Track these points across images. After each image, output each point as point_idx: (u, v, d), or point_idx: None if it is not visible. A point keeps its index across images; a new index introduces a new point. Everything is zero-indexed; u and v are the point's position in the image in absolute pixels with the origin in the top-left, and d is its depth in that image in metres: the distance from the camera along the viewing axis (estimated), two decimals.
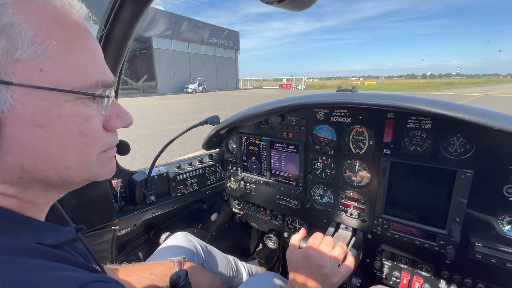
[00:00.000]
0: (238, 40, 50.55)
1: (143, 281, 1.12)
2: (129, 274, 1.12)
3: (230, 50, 49.06)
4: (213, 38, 43.15)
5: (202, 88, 36.19)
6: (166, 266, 1.20)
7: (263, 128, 1.60)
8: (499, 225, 1.01)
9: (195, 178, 1.75)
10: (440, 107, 0.80)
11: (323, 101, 1.02)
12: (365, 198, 1.30)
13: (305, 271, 0.96)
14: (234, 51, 50.23)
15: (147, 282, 1.12)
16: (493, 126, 0.73)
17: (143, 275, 1.14)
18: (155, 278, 1.14)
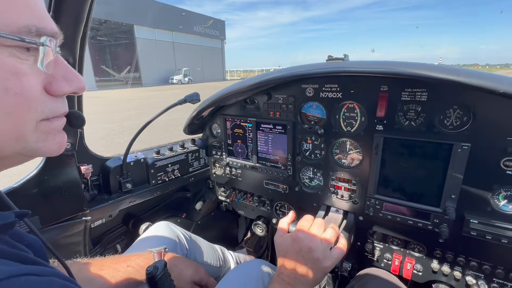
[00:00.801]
0: (224, 30, 49.39)
1: (118, 274, 1.01)
2: (102, 267, 1.01)
3: (216, 40, 47.92)
4: (198, 27, 41.90)
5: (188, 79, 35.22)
6: (145, 257, 1.10)
7: (249, 108, 1.49)
8: (495, 200, 0.96)
9: (177, 165, 1.64)
10: (441, 72, 0.72)
11: (312, 71, 0.93)
12: (357, 179, 1.23)
13: (295, 256, 0.89)
14: (220, 40, 49.10)
15: (123, 275, 1.02)
16: (497, 90, 0.66)
17: (118, 268, 1.03)
18: (132, 271, 1.03)
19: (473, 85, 0.68)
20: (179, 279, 1.14)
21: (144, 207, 1.67)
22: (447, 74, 0.70)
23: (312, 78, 1.22)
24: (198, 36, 42.69)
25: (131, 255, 1.11)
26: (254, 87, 1.11)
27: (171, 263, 1.15)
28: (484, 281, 1.09)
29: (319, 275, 0.87)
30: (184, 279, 1.14)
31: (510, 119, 0.87)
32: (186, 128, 1.63)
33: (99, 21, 31.45)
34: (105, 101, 16.89)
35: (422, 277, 1.24)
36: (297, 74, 0.96)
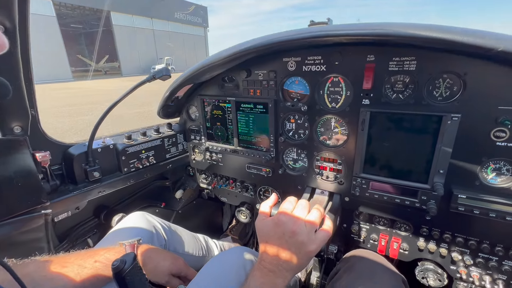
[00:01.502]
0: (206, 16, 47.73)
1: (84, 271, 0.91)
2: (66, 264, 0.90)
3: (199, 27, 46.29)
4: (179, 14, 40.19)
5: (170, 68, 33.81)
6: (116, 251, 1.00)
7: (227, 87, 1.38)
8: (483, 174, 0.93)
9: (152, 151, 1.51)
10: (437, 31, 0.64)
11: (294, 36, 0.82)
12: (342, 158, 1.17)
13: (277, 241, 0.81)
14: (203, 28, 47.50)
15: (90, 272, 0.91)
16: (496, 48, 0.60)
17: (84, 264, 0.92)
18: (100, 266, 0.93)
19: (470, 43, 0.61)
20: (155, 272, 1.05)
21: (117, 197, 1.55)
22: (443, 33, 0.63)
23: (294, 50, 1.12)
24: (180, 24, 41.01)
25: (99, 249, 1.01)
26: (230, 59, 1.00)
27: (145, 256, 1.06)
28: (469, 256, 1.08)
29: (304, 260, 0.80)
30: (160, 271, 1.06)
31: (502, 87, 0.82)
32: (160, 111, 1.50)
33: (71, 7, 29.47)
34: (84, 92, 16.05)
35: (408, 256, 1.22)
36: (278, 41, 0.86)
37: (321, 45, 1.04)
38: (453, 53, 0.84)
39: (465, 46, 0.62)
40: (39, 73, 22.30)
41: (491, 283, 1.07)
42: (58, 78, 24.23)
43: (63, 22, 29.00)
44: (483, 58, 0.81)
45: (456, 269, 1.13)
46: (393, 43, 0.90)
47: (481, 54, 0.80)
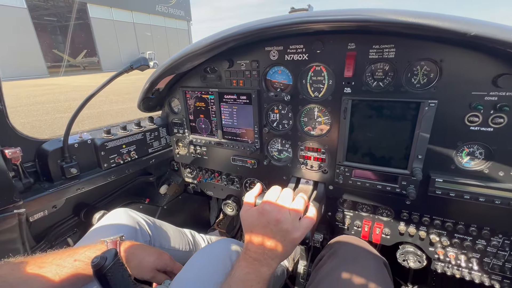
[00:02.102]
0: (189, 9, 46.51)
1: (63, 271, 0.87)
2: (43, 265, 0.86)
3: (182, 21, 45.06)
4: (161, 7, 38.89)
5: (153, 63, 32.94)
6: (97, 249, 0.96)
7: (210, 78, 1.35)
8: (458, 158, 0.97)
9: (133, 145, 1.46)
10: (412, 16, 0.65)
11: (275, 23, 0.81)
12: (325, 147, 1.18)
13: (262, 230, 0.81)
14: (186, 21, 46.30)
15: (69, 272, 0.87)
16: (469, 32, 0.61)
17: (63, 263, 0.88)
18: (80, 265, 0.89)
19: (445, 28, 0.63)
20: (139, 268, 1.02)
21: (98, 194, 1.49)
22: (420, 19, 0.64)
23: (276, 39, 1.11)
24: (162, 17, 39.71)
25: (79, 248, 0.97)
26: (211, 47, 0.97)
27: (129, 252, 1.03)
28: (446, 237, 1.13)
29: (289, 247, 0.81)
30: (145, 267, 1.03)
31: (475, 72, 0.85)
32: (140, 103, 1.45)
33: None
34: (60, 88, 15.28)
35: (390, 240, 1.27)
36: (258, 28, 0.84)
37: (302, 34, 1.04)
38: (430, 41, 0.87)
39: (441, 31, 0.64)
40: (8, 69, 20.89)
41: (466, 261, 1.13)
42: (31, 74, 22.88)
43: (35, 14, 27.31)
44: (458, 44, 0.84)
45: (434, 250, 1.18)
46: (373, 30, 0.91)
47: (457, 41, 0.82)
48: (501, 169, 0.91)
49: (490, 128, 0.88)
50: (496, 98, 0.84)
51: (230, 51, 1.22)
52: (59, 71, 29.02)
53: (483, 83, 0.84)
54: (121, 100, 10.76)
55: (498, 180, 0.92)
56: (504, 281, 1.11)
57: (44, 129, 6.93)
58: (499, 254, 1.07)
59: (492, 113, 0.86)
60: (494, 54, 0.80)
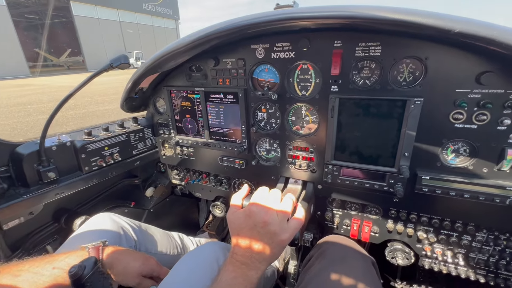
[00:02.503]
0: (177, 8, 45.90)
1: (41, 280, 0.82)
2: (18, 273, 0.81)
3: (169, 20, 44.40)
4: (148, 5, 38.17)
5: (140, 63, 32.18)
6: (78, 255, 0.91)
7: (195, 77, 1.31)
8: (444, 155, 0.98)
9: (116, 147, 1.41)
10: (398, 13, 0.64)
11: (258, 19, 0.79)
12: (314, 146, 1.17)
13: (249, 232, 0.79)
14: (173, 20, 45.66)
15: (48, 280, 0.82)
16: (453, 29, 0.61)
17: (41, 271, 0.83)
18: (59, 273, 0.84)
19: (430, 25, 0.62)
20: (124, 274, 0.98)
21: (79, 199, 1.43)
22: (406, 15, 0.63)
23: (262, 37, 1.09)
24: (149, 15, 38.98)
25: (58, 255, 0.92)
26: (194, 45, 0.94)
27: (113, 257, 0.98)
28: (433, 234, 1.14)
29: (277, 250, 0.79)
30: (130, 272, 0.99)
31: (459, 70, 0.85)
32: (123, 104, 1.39)
33: None
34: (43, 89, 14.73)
35: (378, 238, 1.27)
36: (242, 25, 0.82)
37: (289, 31, 1.02)
38: (416, 38, 0.87)
39: (425, 27, 0.63)
40: None
41: (452, 257, 1.15)
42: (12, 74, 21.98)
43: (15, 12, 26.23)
44: (443, 42, 0.84)
45: (421, 247, 1.20)
46: (359, 28, 0.90)
47: (441, 39, 0.82)
48: (485, 165, 0.92)
49: (474, 125, 0.89)
50: (479, 95, 0.85)
51: (215, 49, 1.19)
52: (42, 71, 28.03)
53: (467, 81, 0.85)
54: (107, 101, 10.48)
55: (482, 176, 0.94)
56: (489, 275, 1.13)
57: (26, 131, 6.67)
58: (483, 249, 1.09)
59: (475, 110, 0.87)
60: (478, 52, 0.81)
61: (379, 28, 0.87)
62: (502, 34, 0.59)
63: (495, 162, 0.91)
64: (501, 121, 0.84)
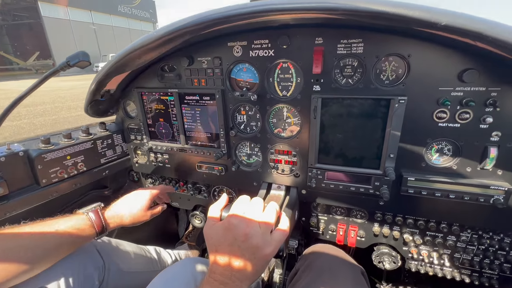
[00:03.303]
0: (155, 11, 44.94)
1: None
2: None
3: (147, 23, 43.29)
4: (124, 7, 37.01)
5: None
6: (78, 219, 0.97)
7: (168, 77, 1.21)
8: (428, 155, 0.95)
9: (81, 156, 1.27)
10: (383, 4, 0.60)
11: (235, 11, 0.71)
12: (297, 149, 1.11)
13: (229, 248, 0.70)
14: (151, 23, 44.60)
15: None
16: (440, 22, 0.58)
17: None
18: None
19: (416, 17, 0.58)
20: (133, 220, 1.13)
21: (39, 215, 1.25)
22: (391, 7, 0.59)
23: (239, 34, 1.02)
24: (125, 18, 37.78)
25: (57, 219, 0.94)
26: (164, 40, 0.84)
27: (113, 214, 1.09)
28: (419, 236, 1.12)
29: (260, 266, 0.71)
30: (137, 216, 1.14)
31: (441, 67, 0.83)
32: (87, 107, 1.26)
33: None
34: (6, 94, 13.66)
35: (365, 242, 1.23)
36: (215, 18, 0.74)
37: (267, 28, 0.96)
38: (398, 35, 0.84)
39: (412, 20, 0.59)
40: None
41: (438, 258, 1.13)
42: None
43: None
44: (425, 39, 0.81)
45: (407, 250, 1.17)
46: (341, 24, 0.86)
47: (424, 36, 0.80)
48: (468, 164, 0.91)
49: (457, 124, 0.87)
50: (462, 93, 0.83)
51: (189, 47, 1.11)
52: (6, 75, 26.15)
53: (449, 79, 0.83)
54: (80, 106, 9.88)
55: (466, 176, 0.92)
56: (473, 275, 1.13)
57: None
58: (468, 249, 1.08)
59: (458, 108, 0.85)
60: (460, 49, 0.79)
61: (361, 24, 0.83)
62: (490, 28, 0.56)
63: (478, 161, 0.89)
64: (483, 119, 0.83)
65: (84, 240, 0.97)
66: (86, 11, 31.06)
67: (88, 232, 0.96)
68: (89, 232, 0.97)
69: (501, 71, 0.78)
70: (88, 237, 0.98)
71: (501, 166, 0.87)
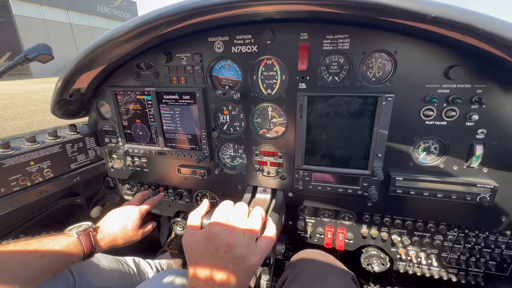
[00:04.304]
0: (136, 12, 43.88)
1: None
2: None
3: None
4: (103, 8, 35.81)
5: None
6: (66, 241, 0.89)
7: (145, 75, 1.13)
8: (415, 154, 0.94)
9: (47, 161, 1.15)
10: None
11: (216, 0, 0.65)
12: (282, 150, 1.06)
13: (210, 259, 0.64)
14: None
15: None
16: (430, 13, 0.55)
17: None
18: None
19: (406, 8, 0.55)
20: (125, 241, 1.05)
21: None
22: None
23: (220, 28, 0.96)
24: (105, 19, 36.55)
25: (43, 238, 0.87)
26: (137, 32, 0.76)
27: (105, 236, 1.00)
28: (407, 236, 1.11)
29: (245, 277, 0.65)
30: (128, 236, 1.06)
31: (427, 65, 0.82)
32: (54, 108, 1.15)
33: None
34: None
35: (353, 245, 1.20)
36: (195, 7, 0.67)
37: (250, 22, 0.91)
38: (384, 30, 0.81)
39: (402, 11, 0.56)
40: None
41: (426, 258, 1.12)
42: None
43: None
44: (411, 35, 0.80)
45: (396, 251, 1.15)
46: (327, 18, 0.82)
47: (411, 32, 0.78)
48: (455, 163, 0.90)
49: (443, 122, 0.86)
50: (448, 90, 0.82)
51: (167, 42, 1.04)
52: None
53: (436, 76, 0.82)
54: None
55: (453, 174, 0.91)
56: (460, 273, 1.13)
57: None
58: (455, 248, 1.08)
59: (445, 106, 0.84)
60: (446, 45, 0.78)
61: (347, 19, 0.80)
62: (480, 20, 0.54)
63: (465, 159, 0.89)
64: (469, 116, 0.82)
65: (71, 263, 0.90)
66: (62, 11, 29.76)
67: (77, 255, 0.89)
68: (78, 255, 0.89)
69: (486, 68, 0.77)
70: (77, 260, 0.90)
71: (487, 164, 0.87)
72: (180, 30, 0.93)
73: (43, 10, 27.74)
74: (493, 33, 0.55)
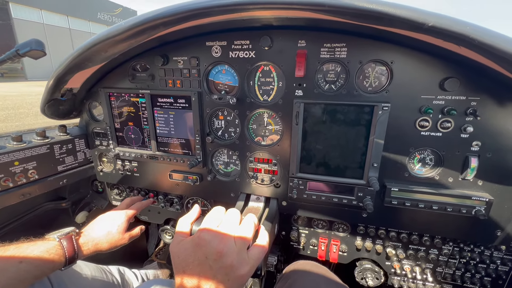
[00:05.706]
0: None
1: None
2: None
3: None
4: (104, 15, 36.19)
5: None
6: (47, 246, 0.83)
7: (140, 77, 1.12)
8: (411, 165, 0.93)
9: (32, 162, 1.11)
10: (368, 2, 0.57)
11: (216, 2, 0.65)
12: (277, 157, 1.04)
13: (198, 268, 0.60)
14: None
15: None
16: (427, 23, 0.55)
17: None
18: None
19: (403, 16, 0.56)
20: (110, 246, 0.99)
21: None
22: (378, 5, 0.56)
23: (219, 33, 0.96)
24: (105, 25, 36.87)
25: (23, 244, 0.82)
26: (134, 32, 0.76)
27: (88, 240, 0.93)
28: (401, 250, 1.09)
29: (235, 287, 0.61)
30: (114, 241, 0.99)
31: (423, 76, 0.82)
32: (44, 107, 1.11)
33: None
34: None
35: (347, 257, 1.17)
36: (194, 8, 0.67)
37: (249, 28, 0.91)
38: (381, 40, 0.82)
39: (400, 19, 0.56)
40: None
41: (420, 273, 1.10)
42: None
43: None
44: (408, 46, 0.81)
45: (390, 264, 1.13)
46: (325, 27, 0.83)
47: (407, 43, 0.79)
48: (450, 175, 0.89)
49: (439, 133, 0.86)
50: (443, 102, 0.83)
51: (164, 45, 1.03)
52: None
53: (431, 87, 0.82)
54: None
55: (448, 186, 0.90)
56: None
57: None
58: (450, 263, 1.06)
59: (440, 117, 0.84)
60: (442, 57, 0.79)
61: (345, 28, 0.80)
62: (476, 31, 0.54)
63: (460, 171, 0.88)
64: (464, 128, 0.82)
65: (52, 270, 0.83)
66: (62, 16, 29.95)
67: (57, 261, 0.83)
68: (58, 261, 0.83)
69: (481, 81, 0.78)
70: (57, 266, 0.84)
71: (481, 176, 0.87)
72: (178, 33, 0.93)
73: (42, 14, 27.86)
74: (488, 43, 0.56)
